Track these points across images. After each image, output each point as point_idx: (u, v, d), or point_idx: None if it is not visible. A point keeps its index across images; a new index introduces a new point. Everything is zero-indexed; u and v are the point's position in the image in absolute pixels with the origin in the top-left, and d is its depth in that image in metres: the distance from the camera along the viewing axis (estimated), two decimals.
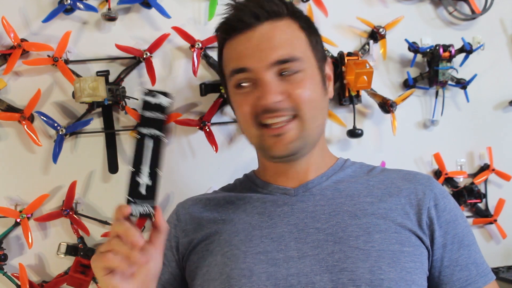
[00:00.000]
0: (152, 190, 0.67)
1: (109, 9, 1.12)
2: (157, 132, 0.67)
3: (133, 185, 0.67)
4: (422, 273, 0.77)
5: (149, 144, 0.67)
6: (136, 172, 0.67)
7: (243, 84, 0.80)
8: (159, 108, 0.68)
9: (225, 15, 0.83)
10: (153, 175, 0.67)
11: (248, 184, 0.91)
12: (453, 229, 0.79)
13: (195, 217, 0.88)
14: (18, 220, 1.10)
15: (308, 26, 0.84)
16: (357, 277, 0.71)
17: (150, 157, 0.67)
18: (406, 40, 1.25)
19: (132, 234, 0.66)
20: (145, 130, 0.67)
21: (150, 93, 0.68)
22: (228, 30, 0.82)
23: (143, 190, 0.67)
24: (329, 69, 0.87)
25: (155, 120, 0.67)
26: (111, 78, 1.15)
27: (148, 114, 0.68)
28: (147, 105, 0.68)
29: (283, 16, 0.81)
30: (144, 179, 0.67)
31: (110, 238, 0.68)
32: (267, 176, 0.89)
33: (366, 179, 0.85)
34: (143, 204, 0.67)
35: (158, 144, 0.67)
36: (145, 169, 0.67)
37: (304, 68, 0.79)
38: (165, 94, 0.68)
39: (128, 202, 0.67)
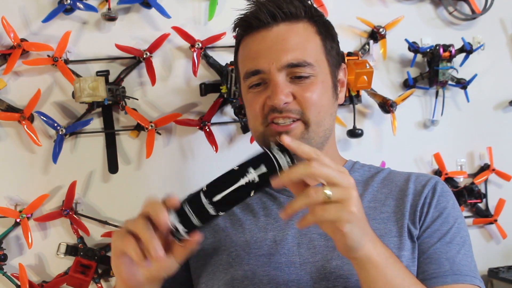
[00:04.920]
0: None
1: (109, 9, 1.12)
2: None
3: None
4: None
5: None
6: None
7: (256, 84, 0.81)
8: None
9: (244, 11, 0.83)
10: None
11: None
12: (439, 225, 0.78)
13: None
14: (18, 220, 1.10)
15: (325, 31, 0.84)
16: (351, 285, 0.73)
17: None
18: (406, 40, 1.25)
19: (161, 214, 0.61)
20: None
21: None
22: (245, 27, 0.83)
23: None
24: (343, 75, 0.88)
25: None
26: (111, 78, 1.15)
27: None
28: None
29: (301, 19, 0.81)
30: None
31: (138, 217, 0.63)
32: None
33: (371, 183, 0.84)
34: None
35: None
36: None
37: (316, 73, 0.79)
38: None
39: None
